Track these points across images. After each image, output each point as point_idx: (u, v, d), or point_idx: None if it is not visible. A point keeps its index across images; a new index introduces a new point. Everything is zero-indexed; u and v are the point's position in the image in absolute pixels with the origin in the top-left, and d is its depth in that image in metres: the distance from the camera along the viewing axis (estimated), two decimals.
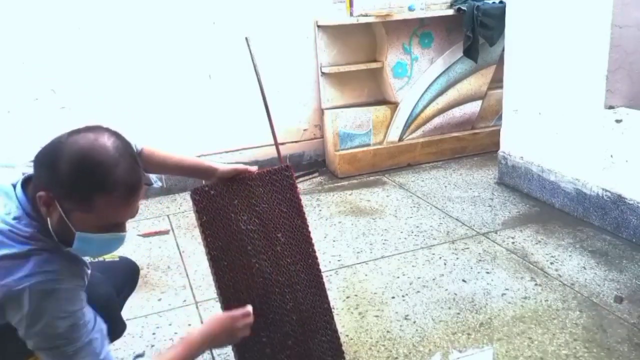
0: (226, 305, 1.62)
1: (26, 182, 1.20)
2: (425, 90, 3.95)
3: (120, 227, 1.20)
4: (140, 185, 1.17)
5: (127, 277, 1.68)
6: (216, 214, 1.63)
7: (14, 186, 1.19)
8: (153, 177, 1.61)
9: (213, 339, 1.42)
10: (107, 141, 1.13)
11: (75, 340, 1.16)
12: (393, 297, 2.27)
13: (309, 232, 1.76)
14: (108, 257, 1.62)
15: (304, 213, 1.76)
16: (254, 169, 1.70)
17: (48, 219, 1.15)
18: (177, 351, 1.33)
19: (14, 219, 1.15)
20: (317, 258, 1.77)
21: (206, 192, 1.63)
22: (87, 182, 1.10)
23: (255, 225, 1.68)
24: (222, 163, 1.68)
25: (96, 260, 1.57)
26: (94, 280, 1.33)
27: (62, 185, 1.10)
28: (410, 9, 3.81)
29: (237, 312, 1.48)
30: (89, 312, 1.20)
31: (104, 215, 1.14)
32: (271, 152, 3.74)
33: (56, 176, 1.09)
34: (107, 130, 1.16)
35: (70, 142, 1.11)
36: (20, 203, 1.17)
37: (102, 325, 1.24)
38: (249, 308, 1.50)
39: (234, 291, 1.62)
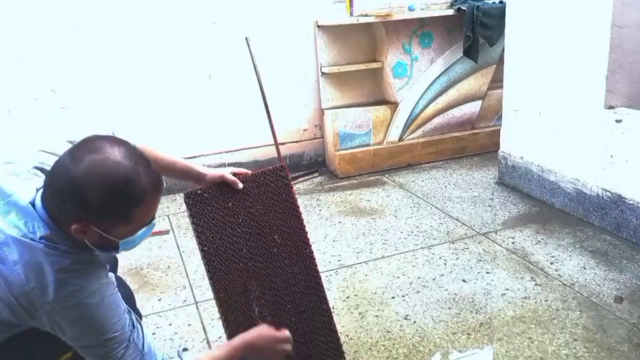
0: (223, 309, 1.61)
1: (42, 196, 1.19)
2: (425, 90, 3.95)
3: (153, 218, 1.26)
4: (161, 177, 1.23)
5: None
6: (210, 217, 1.61)
7: (32, 204, 1.18)
8: None
9: (252, 349, 1.50)
10: (116, 155, 1.13)
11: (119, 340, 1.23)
12: (393, 297, 2.27)
13: (306, 233, 1.73)
14: None
15: (300, 214, 1.72)
16: (245, 171, 1.70)
17: (85, 240, 1.18)
18: (221, 351, 1.45)
19: (42, 238, 1.15)
20: (314, 259, 1.74)
21: (199, 196, 1.61)
22: (121, 204, 1.13)
23: (250, 228, 1.65)
24: (210, 168, 1.70)
25: None
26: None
27: (97, 214, 1.13)
28: (410, 9, 3.81)
29: (282, 334, 1.55)
30: (126, 312, 1.27)
31: (142, 220, 1.20)
32: (271, 152, 3.74)
33: (88, 208, 1.11)
34: (105, 141, 1.16)
35: (82, 171, 1.10)
36: (44, 221, 1.16)
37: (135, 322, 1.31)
38: (289, 334, 1.57)
39: (231, 294, 1.61)
